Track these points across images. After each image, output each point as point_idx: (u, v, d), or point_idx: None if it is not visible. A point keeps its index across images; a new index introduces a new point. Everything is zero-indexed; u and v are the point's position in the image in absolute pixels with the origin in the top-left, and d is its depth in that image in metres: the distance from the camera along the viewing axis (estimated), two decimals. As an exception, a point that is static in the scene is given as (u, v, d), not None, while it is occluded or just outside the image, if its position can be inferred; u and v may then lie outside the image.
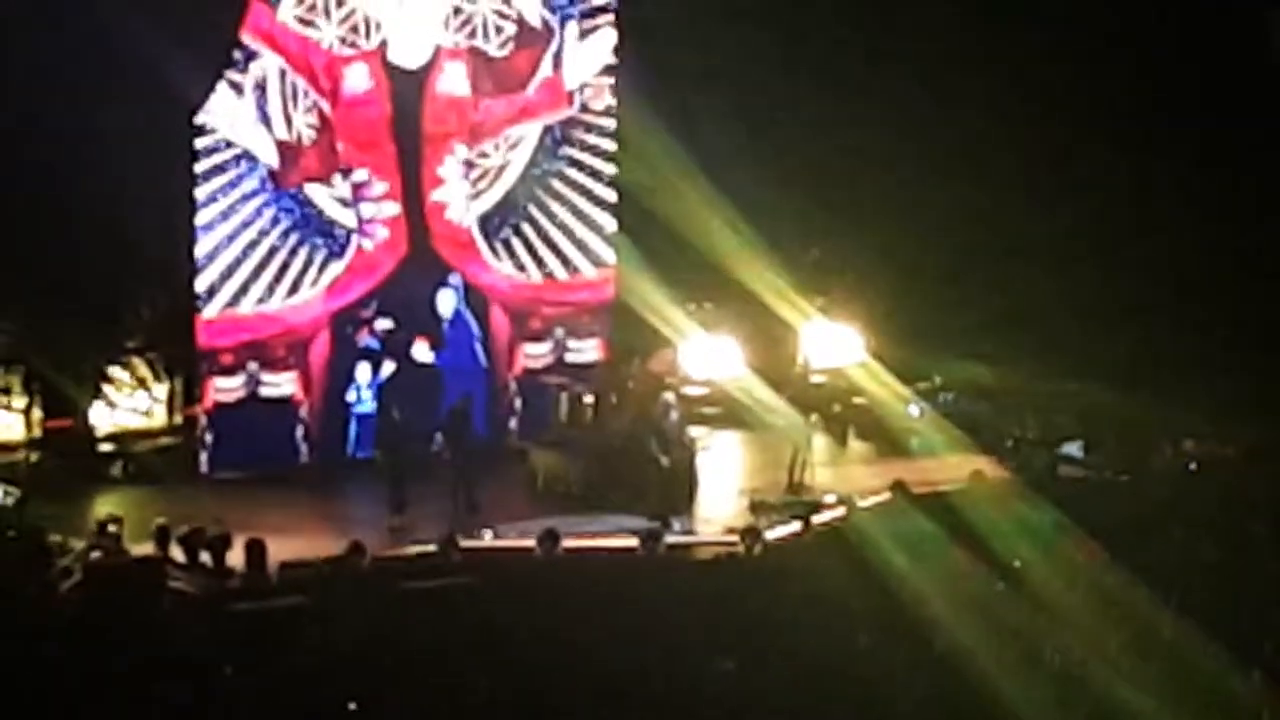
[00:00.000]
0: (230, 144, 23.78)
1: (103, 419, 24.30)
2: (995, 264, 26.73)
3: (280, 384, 24.53)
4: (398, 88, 24.89)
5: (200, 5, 22.94)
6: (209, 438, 24.11)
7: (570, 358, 26.67)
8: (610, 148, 26.64)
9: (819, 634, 15.74)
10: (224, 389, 24.16)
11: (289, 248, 24.36)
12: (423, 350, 25.17)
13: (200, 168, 23.61)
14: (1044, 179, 26.88)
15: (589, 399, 25.13)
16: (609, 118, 26.60)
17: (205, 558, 18.62)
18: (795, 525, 21.27)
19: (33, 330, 23.47)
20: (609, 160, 26.64)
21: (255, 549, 18.32)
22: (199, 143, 23.56)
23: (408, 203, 25.09)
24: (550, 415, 25.54)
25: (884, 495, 21.68)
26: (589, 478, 23.51)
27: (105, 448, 24.24)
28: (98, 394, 24.25)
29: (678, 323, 26.41)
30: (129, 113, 22.65)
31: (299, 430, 24.70)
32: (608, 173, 26.66)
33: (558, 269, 26.48)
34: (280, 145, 24.13)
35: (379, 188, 24.86)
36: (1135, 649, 15.57)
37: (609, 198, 26.71)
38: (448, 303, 25.57)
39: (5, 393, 23.78)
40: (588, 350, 26.87)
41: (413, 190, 25.13)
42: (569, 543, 19.18)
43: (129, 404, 24.49)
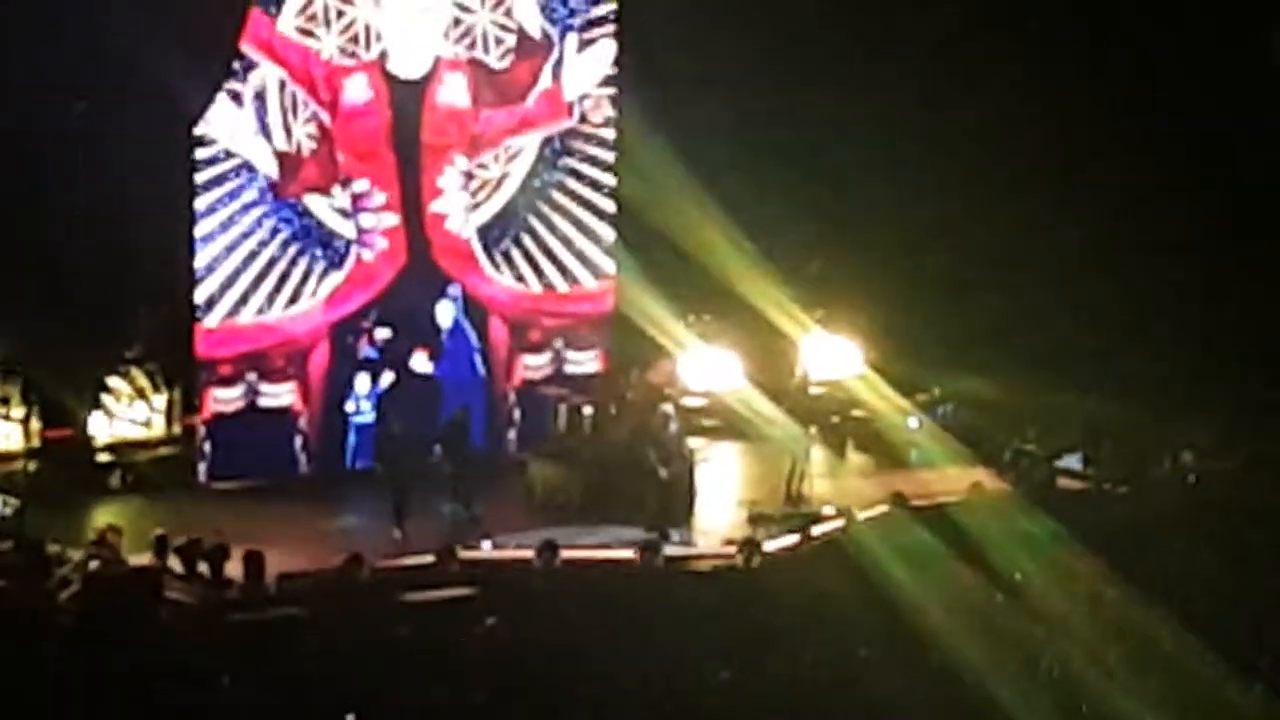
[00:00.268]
0: (230, 154, 23.79)
1: (101, 429, 24.28)
2: (994, 276, 26.72)
3: (279, 394, 24.53)
4: (397, 98, 24.90)
5: (200, 16, 22.91)
6: (208, 448, 24.12)
7: (569, 369, 26.67)
8: (610, 159, 26.64)
9: (817, 645, 15.74)
10: (223, 399, 24.16)
11: (288, 258, 24.36)
12: (421, 361, 25.17)
13: (200, 178, 23.62)
14: (1045, 191, 26.86)
15: (588, 410, 25.10)
16: (609, 129, 26.61)
17: (203, 568, 18.55)
18: (794, 537, 21.28)
19: (31, 340, 23.42)
20: (609, 171, 26.65)
21: (253, 560, 18.28)
22: (199, 153, 23.57)
23: (407, 213, 25.09)
24: (549, 426, 25.52)
25: (882, 507, 21.67)
26: (587, 489, 23.50)
27: (104, 458, 24.21)
28: (96, 404, 24.23)
29: (677, 334, 26.39)
30: (129, 123, 22.67)
31: (298, 441, 24.70)
32: (607, 184, 26.66)
33: (557, 280, 26.47)
34: (280, 156, 24.14)
35: (378, 198, 24.87)
36: (1134, 661, 15.56)
37: (609, 209, 26.72)
38: (447, 314, 25.57)
39: (4, 402, 23.71)
40: (587, 362, 26.86)
41: (412, 201, 25.14)
42: (567, 554, 19.12)
43: (128, 414, 24.46)
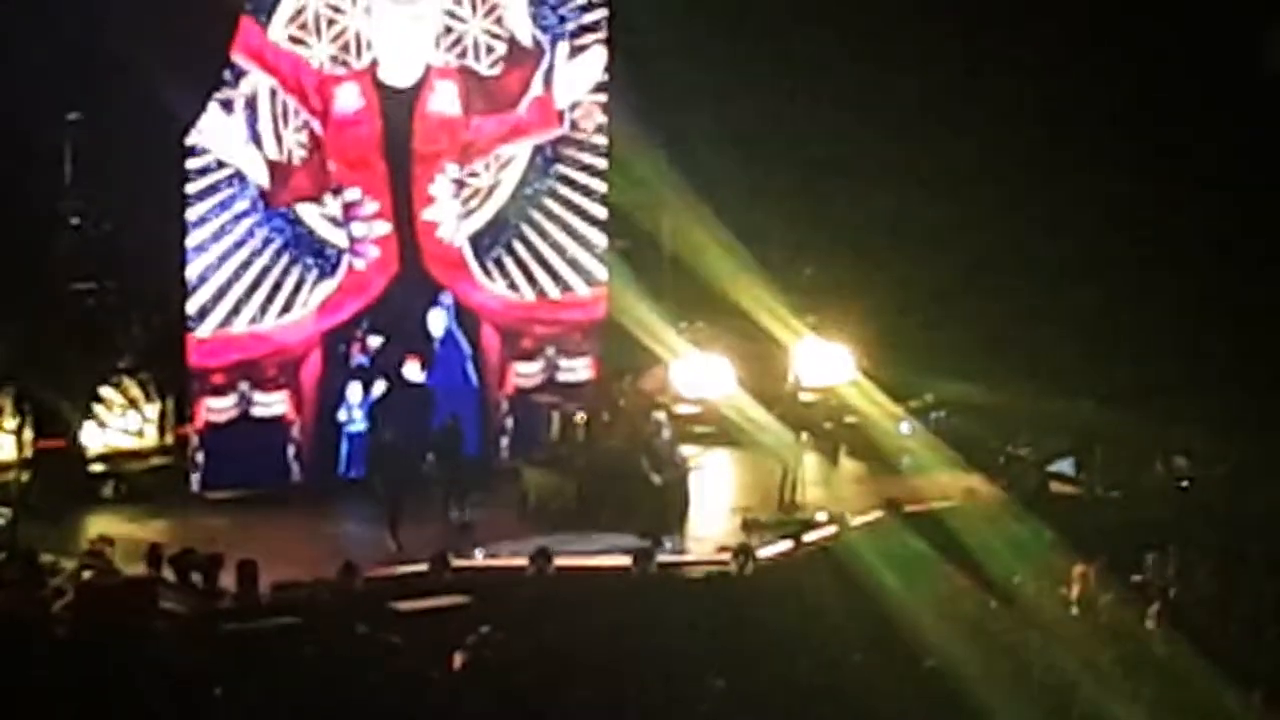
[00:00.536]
0: (221, 164, 23.75)
1: (94, 439, 24.23)
2: (987, 282, 26.73)
3: (272, 404, 24.49)
4: (388, 107, 24.88)
5: (192, 25, 22.90)
6: (200, 458, 24.07)
7: (562, 377, 26.63)
8: (601, 166, 26.60)
9: (811, 651, 15.76)
10: (215, 409, 24.12)
11: (280, 267, 24.32)
12: (414, 370, 25.14)
13: (192, 189, 23.56)
14: (1036, 197, 26.88)
15: (580, 418, 25.08)
16: (600, 136, 26.58)
17: (197, 578, 18.55)
18: (787, 543, 21.29)
19: (24, 350, 23.41)
20: (600, 178, 26.61)
21: (247, 569, 18.28)
22: (190, 163, 23.52)
23: (399, 222, 25.07)
24: (542, 434, 25.51)
25: (876, 513, 21.70)
26: (581, 496, 23.47)
27: (97, 468, 24.16)
28: (89, 414, 24.18)
29: (669, 341, 26.34)
30: (121, 133, 22.67)
31: (290, 450, 24.65)
32: (599, 191, 26.63)
33: (550, 287, 26.44)
34: (271, 165, 24.12)
35: (370, 207, 24.85)
36: (1127, 666, 15.59)
37: (600, 216, 26.69)
38: (439, 322, 25.55)
39: (-3, 413, 23.77)
40: (579, 369, 26.82)
41: (404, 209, 25.11)
42: (561, 561, 19.13)
43: (120, 424, 24.43)
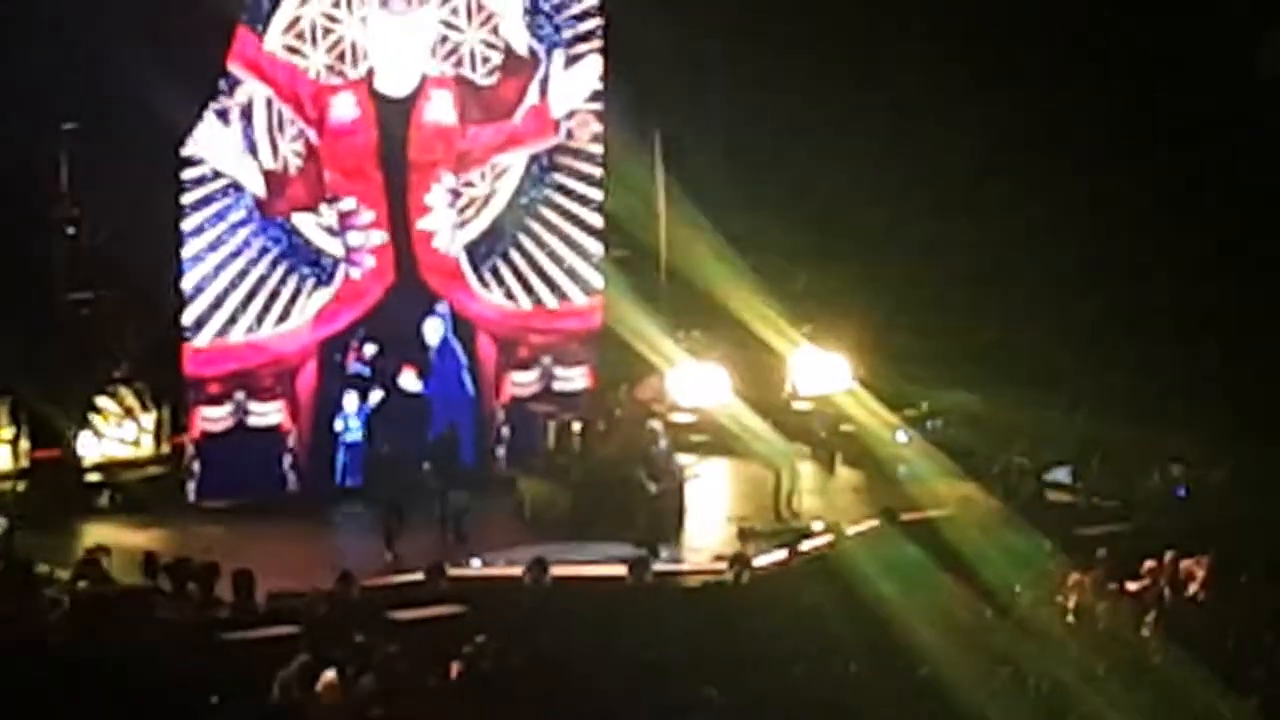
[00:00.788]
0: (218, 174, 23.76)
1: (90, 449, 24.22)
2: (983, 291, 26.73)
3: (268, 413, 24.48)
4: (384, 116, 24.88)
5: (188, 34, 22.90)
6: (196, 467, 24.07)
7: (558, 386, 26.60)
8: (597, 175, 26.57)
9: (807, 661, 15.77)
10: (211, 418, 24.12)
11: (276, 277, 24.33)
12: (410, 379, 25.12)
13: (188, 199, 23.59)
14: (1032, 206, 26.88)
15: (577, 427, 25.06)
16: (596, 145, 26.56)
17: (193, 588, 18.56)
18: (783, 552, 21.27)
19: (20, 360, 23.41)
20: (596, 187, 26.59)
21: (243, 579, 18.29)
22: (186, 174, 23.54)
23: (395, 231, 25.06)
24: (538, 443, 25.50)
25: (872, 522, 21.68)
26: (577, 506, 23.45)
27: (93, 478, 24.16)
28: (85, 424, 24.17)
29: (665, 350, 26.32)
30: (117, 143, 22.67)
31: (286, 459, 24.63)
32: (595, 200, 26.61)
33: (546, 296, 26.42)
34: (267, 174, 24.12)
35: (366, 216, 24.85)
36: (1123, 675, 15.59)
37: (596, 225, 26.68)
38: (435, 331, 25.53)
39: (-8, 423, 23.76)
40: (575, 378, 26.80)
41: (400, 219, 25.11)
42: (557, 571, 19.15)
43: (116, 434, 24.42)
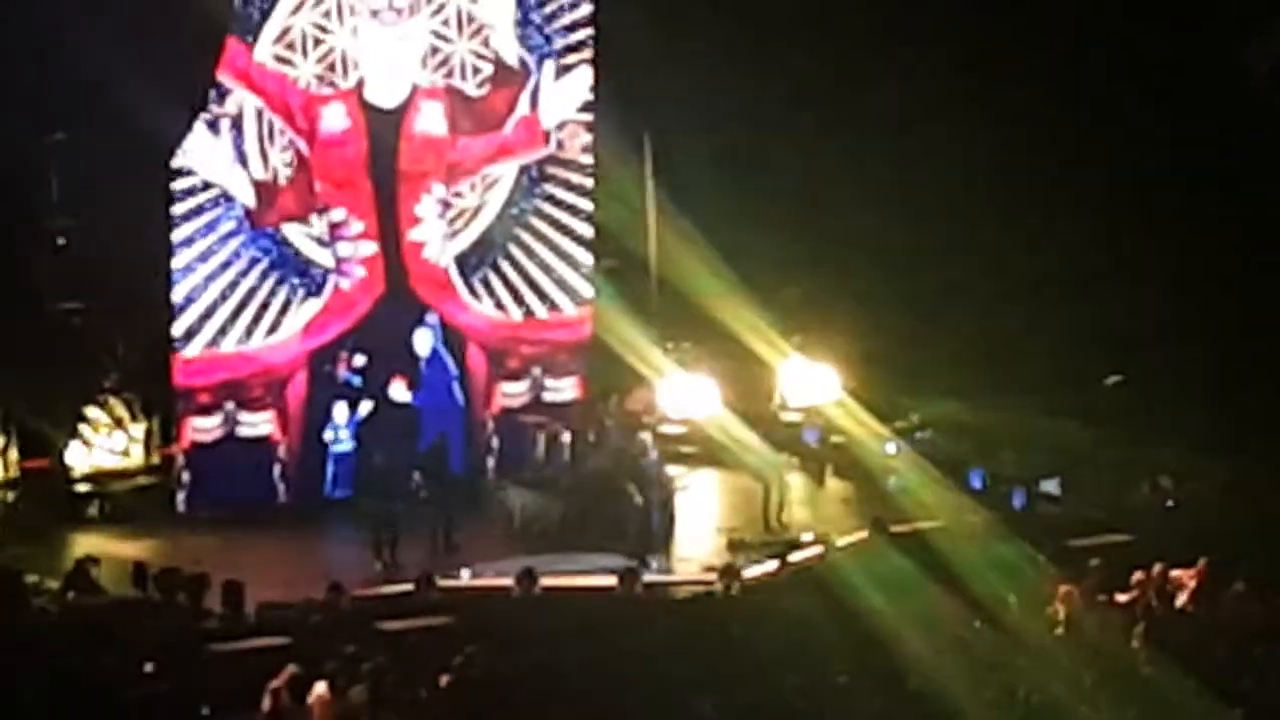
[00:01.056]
0: (208, 185, 23.77)
1: (80, 459, 24.25)
2: (972, 302, 26.77)
3: (258, 423, 24.49)
4: (375, 127, 24.91)
5: (178, 45, 22.91)
6: (186, 477, 24.08)
7: (548, 397, 26.63)
8: (588, 185, 26.62)
9: (797, 672, 15.75)
10: (201, 429, 24.13)
11: (266, 288, 24.34)
12: (400, 390, 25.14)
13: (178, 210, 23.61)
14: (1023, 217, 26.91)
15: (566, 438, 25.11)
16: (586, 155, 26.59)
17: (183, 598, 18.54)
18: (773, 564, 21.26)
19: (9, 370, 23.39)
20: (586, 198, 26.63)
21: (233, 589, 18.27)
22: (176, 185, 23.56)
23: (385, 242, 25.08)
24: (528, 454, 25.52)
25: (861, 533, 21.68)
26: (567, 517, 23.46)
27: (82, 488, 24.18)
28: (75, 434, 24.20)
29: (655, 361, 26.34)
30: (106, 153, 22.67)
31: (276, 470, 24.66)
32: (585, 210, 26.65)
33: (537, 307, 26.45)
34: (257, 185, 24.14)
35: (356, 227, 24.86)
36: (1112, 686, 15.59)
37: (586, 235, 26.71)
38: (425, 342, 25.55)
39: (-18, 433, 23.75)
40: (565, 389, 26.83)
41: (390, 229, 25.13)
42: (547, 582, 19.12)
43: (106, 444, 24.44)
